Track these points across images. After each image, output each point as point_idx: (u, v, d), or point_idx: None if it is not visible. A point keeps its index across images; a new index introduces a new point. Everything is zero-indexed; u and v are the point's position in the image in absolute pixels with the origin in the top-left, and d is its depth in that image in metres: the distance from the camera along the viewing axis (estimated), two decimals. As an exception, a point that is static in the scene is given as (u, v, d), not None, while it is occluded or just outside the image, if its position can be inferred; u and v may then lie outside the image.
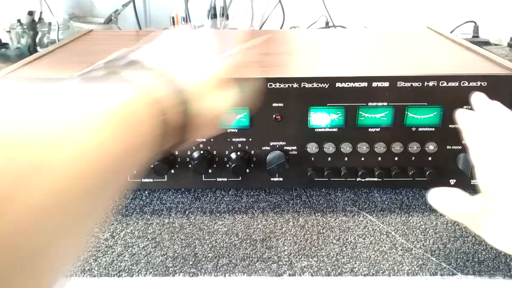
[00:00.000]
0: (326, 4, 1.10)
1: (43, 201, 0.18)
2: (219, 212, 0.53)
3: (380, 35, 0.73)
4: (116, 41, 0.72)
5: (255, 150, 0.53)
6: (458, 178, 0.54)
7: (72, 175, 0.20)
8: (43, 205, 0.18)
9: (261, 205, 0.54)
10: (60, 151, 0.20)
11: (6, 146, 0.18)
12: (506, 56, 0.85)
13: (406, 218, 0.51)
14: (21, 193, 0.17)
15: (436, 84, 0.50)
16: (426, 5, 1.10)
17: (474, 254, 0.45)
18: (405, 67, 0.54)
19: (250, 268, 0.44)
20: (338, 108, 0.51)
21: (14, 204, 0.17)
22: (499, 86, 0.50)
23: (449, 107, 0.51)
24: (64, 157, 0.20)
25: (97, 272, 0.44)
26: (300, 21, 1.13)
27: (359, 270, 0.44)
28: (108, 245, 0.47)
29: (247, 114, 0.51)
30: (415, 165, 0.53)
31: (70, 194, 0.20)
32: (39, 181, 0.18)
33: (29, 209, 0.18)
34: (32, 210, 0.18)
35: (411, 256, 0.45)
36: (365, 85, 0.50)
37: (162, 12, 1.13)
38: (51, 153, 0.19)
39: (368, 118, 0.51)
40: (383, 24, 1.09)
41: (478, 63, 0.55)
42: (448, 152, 0.53)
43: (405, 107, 0.51)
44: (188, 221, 0.51)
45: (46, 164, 0.19)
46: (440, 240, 0.48)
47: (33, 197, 0.18)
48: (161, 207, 0.54)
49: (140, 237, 0.49)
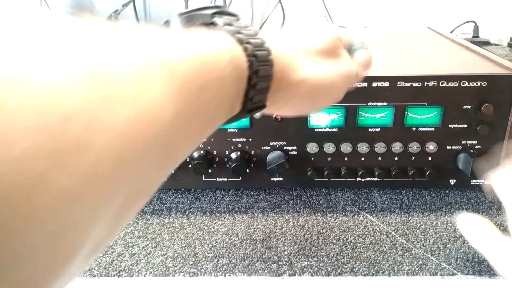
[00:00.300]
0: (326, 4, 1.10)
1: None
2: (219, 212, 0.53)
3: (380, 35, 0.73)
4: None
5: (255, 150, 0.53)
6: (458, 178, 0.55)
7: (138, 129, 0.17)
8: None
9: (261, 205, 0.54)
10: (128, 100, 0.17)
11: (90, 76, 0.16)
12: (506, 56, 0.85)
13: (406, 218, 0.51)
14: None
15: (436, 84, 0.50)
16: (426, 5, 1.10)
17: (474, 254, 0.45)
18: (405, 67, 0.54)
19: (250, 268, 0.44)
20: (338, 108, 0.51)
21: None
22: (499, 86, 0.50)
23: (449, 107, 0.51)
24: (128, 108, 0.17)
25: (97, 272, 0.44)
26: (300, 21, 1.13)
27: (359, 270, 0.44)
28: (108, 245, 0.47)
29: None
30: (415, 165, 0.53)
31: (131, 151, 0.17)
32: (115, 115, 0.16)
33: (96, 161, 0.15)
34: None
35: (411, 256, 0.45)
36: (365, 85, 0.50)
37: (162, 12, 1.13)
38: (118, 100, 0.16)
39: (368, 118, 0.51)
40: (383, 24, 1.09)
41: (478, 63, 0.55)
42: (448, 152, 0.53)
43: (405, 107, 0.51)
44: (188, 221, 0.51)
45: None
46: (440, 240, 0.48)
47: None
48: (161, 207, 0.54)
49: (140, 237, 0.49)
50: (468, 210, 0.53)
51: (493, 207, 0.53)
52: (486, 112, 0.50)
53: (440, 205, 0.54)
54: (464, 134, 0.52)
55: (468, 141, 0.52)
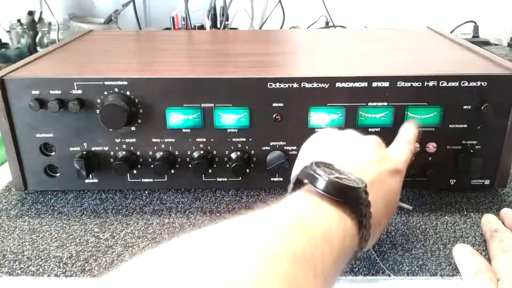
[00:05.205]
0: (326, 4, 1.10)
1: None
2: (219, 212, 0.53)
3: (380, 35, 0.73)
4: (116, 41, 0.72)
5: (255, 150, 0.53)
6: (458, 178, 0.55)
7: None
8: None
9: (261, 205, 0.54)
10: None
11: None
12: (506, 56, 0.85)
13: (406, 218, 0.51)
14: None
15: (436, 84, 0.50)
16: (426, 5, 1.10)
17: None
18: (405, 67, 0.54)
19: (250, 268, 0.44)
20: (338, 108, 0.51)
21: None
22: (499, 86, 0.50)
23: (449, 107, 0.51)
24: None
25: (97, 272, 0.44)
26: (300, 21, 1.13)
27: (359, 270, 0.44)
28: (108, 245, 0.47)
29: (247, 114, 0.51)
30: (415, 165, 0.53)
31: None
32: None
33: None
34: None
35: (411, 256, 0.45)
36: (365, 85, 0.50)
37: (162, 12, 1.13)
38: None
39: (368, 118, 0.51)
40: (383, 24, 1.09)
41: (478, 63, 0.55)
42: (448, 152, 0.53)
43: (405, 107, 0.51)
44: (188, 221, 0.51)
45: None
46: (440, 240, 0.48)
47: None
48: (161, 207, 0.54)
49: (140, 237, 0.49)
50: (468, 210, 0.53)
51: (493, 207, 0.53)
52: (486, 112, 0.50)
53: (440, 205, 0.54)
54: (464, 134, 0.52)
55: (468, 141, 0.52)
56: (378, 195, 0.35)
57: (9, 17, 1.03)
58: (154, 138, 0.52)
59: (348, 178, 0.33)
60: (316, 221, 0.28)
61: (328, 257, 0.27)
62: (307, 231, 0.27)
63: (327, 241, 0.28)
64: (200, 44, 0.72)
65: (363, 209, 0.32)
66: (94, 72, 0.52)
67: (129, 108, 0.49)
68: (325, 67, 0.56)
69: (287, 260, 0.24)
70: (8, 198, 0.56)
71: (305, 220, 0.28)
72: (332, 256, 0.28)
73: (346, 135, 0.42)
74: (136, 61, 0.61)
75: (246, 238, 0.25)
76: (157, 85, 0.50)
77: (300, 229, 0.27)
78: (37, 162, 0.53)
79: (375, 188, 0.34)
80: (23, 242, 0.48)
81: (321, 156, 0.38)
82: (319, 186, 0.31)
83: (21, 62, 0.56)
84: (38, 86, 0.49)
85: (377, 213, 0.34)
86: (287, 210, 0.30)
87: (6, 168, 0.55)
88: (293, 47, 0.70)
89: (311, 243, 0.26)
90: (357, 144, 0.40)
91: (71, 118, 0.51)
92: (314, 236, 0.27)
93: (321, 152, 0.40)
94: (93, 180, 0.54)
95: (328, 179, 0.31)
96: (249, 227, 0.26)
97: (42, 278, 0.43)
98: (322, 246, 0.27)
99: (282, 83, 0.50)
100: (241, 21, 1.14)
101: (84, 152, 0.52)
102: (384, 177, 0.37)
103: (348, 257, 0.31)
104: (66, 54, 0.62)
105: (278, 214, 0.29)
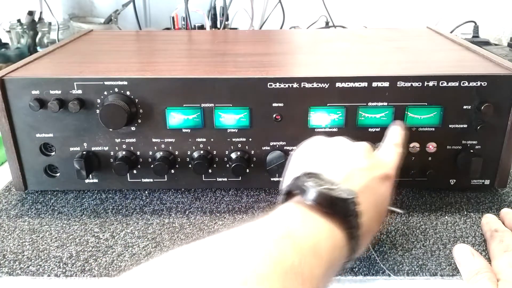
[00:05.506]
0: (326, 4, 1.10)
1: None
2: (219, 212, 0.53)
3: (380, 35, 0.73)
4: (116, 41, 0.72)
5: (255, 150, 0.53)
6: (458, 178, 0.55)
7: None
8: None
9: (261, 205, 0.54)
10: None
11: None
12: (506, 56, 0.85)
13: (406, 218, 0.51)
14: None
15: (436, 84, 0.50)
16: (426, 5, 1.10)
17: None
18: (405, 67, 0.54)
19: (250, 268, 0.44)
20: (338, 108, 0.51)
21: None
22: (499, 86, 0.50)
23: (449, 107, 0.51)
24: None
25: (97, 272, 0.44)
26: (300, 21, 1.13)
27: (359, 270, 0.44)
28: (108, 245, 0.47)
29: (247, 114, 0.51)
30: (415, 165, 0.53)
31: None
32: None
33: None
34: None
35: (411, 256, 0.45)
36: (365, 85, 0.50)
37: (162, 12, 1.13)
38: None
39: (368, 118, 0.51)
40: (383, 24, 1.09)
41: (478, 63, 0.55)
42: (448, 152, 0.53)
43: (405, 107, 0.51)
44: (188, 221, 0.51)
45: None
46: (440, 240, 0.48)
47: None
48: (161, 207, 0.54)
49: (140, 237, 0.49)
50: (468, 210, 0.53)
51: (493, 207, 0.53)
52: (486, 112, 0.50)
53: (440, 205, 0.54)
54: (464, 134, 0.52)
55: (468, 141, 0.52)
56: (369, 204, 0.35)
57: (9, 17, 1.02)
58: (154, 138, 0.52)
59: (338, 189, 0.33)
60: (306, 234, 0.29)
61: (317, 269, 0.27)
62: (296, 244, 0.27)
63: (316, 253, 0.28)
64: (200, 44, 0.72)
65: (353, 220, 0.32)
66: (94, 72, 0.52)
67: (129, 108, 0.49)
68: (325, 67, 0.56)
69: (276, 276, 0.24)
70: (8, 198, 0.56)
71: (295, 233, 0.28)
72: (321, 269, 0.28)
73: (335, 143, 0.42)
74: (136, 61, 0.61)
75: (235, 256, 0.25)
76: (157, 85, 0.50)
77: (289, 243, 0.27)
78: (37, 162, 0.53)
79: (365, 197, 0.34)
80: (23, 242, 0.48)
81: (311, 165, 0.38)
82: (309, 198, 0.31)
83: (21, 62, 0.56)
84: (38, 86, 0.50)
85: (367, 222, 0.34)
86: (277, 223, 0.30)
87: (6, 168, 0.55)
88: (293, 47, 0.70)
89: (300, 256, 0.27)
90: (346, 151, 0.40)
91: (71, 118, 0.51)
92: (303, 250, 0.27)
93: (311, 162, 0.40)
94: (93, 180, 0.54)
95: (318, 191, 0.31)
96: (238, 244, 0.27)
97: (42, 278, 0.43)
98: (311, 259, 0.27)
99: (282, 83, 0.50)
100: (241, 21, 1.14)
101: (84, 152, 0.52)
102: (375, 184, 0.37)
103: (337, 268, 0.32)
104: (66, 54, 0.62)
105: (268, 228, 0.29)
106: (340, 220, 0.31)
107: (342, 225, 0.31)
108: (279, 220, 0.30)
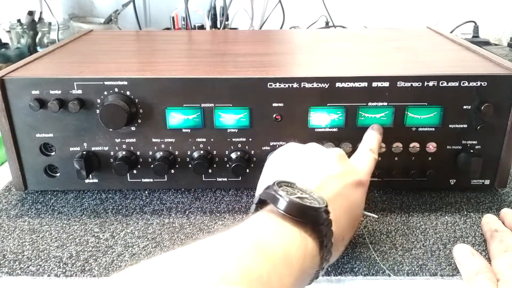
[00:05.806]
0: (326, 4, 1.10)
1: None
2: (219, 212, 0.53)
3: (380, 35, 0.73)
4: (116, 41, 0.72)
5: (255, 150, 0.53)
6: (458, 178, 0.55)
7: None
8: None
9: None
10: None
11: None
12: (506, 56, 0.85)
13: (406, 218, 0.51)
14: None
15: (436, 84, 0.50)
16: (426, 5, 1.10)
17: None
18: (405, 67, 0.54)
19: (250, 268, 0.44)
20: (338, 108, 0.51)
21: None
22: (499, 86, 0.50)
23: (449, 107, 0.51)
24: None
25: (97, 272, 0.44)
26: (300, 21, 1.13)
27: (359, 270, 0.44)
28: (108, 245, 0.47)
29: (247, 114, 0.51)
30: (415, 165, 0.53)
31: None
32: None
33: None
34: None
35: (411, 256, 0.45)
36: (365, 85, 0.50)
37: (162, 12, 1.13)
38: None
39: (368, 118, 0.51)
40: (383, 24, 1.09)
41: (478, 63, 0.55)
42: (448, 152, 0.53)
43: (405, 107, 0.51)
44: (188, 221, 0.51)
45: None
46: (440, 240, 0.48)
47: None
48: (161, 207, 0.54)
49: (140, 237, 0.49)
50: (468, 210, 0.53)
51: (493, 207, 0.53)
52: (486, 112, 0.50)
53: (440, 205, 0.54)
54: (464, 134, 0.52)
55: (468, 141, 0.52)
56: (341, 211, 0.35)
57: (9, 17, 1.03)
58: (154, 138, 0.52)
59: (309, 198, 0.33)
60: (276, 244, 0.29)
61: (287, 279, 0.27)
62: (266, 254, 0.28)
63: (287, 263, 0.28)
64: (200, 44, 0.72)
65: (324, 229, 0.32)
66: (94, 72, 0.52)
67: (129, 108, 0.49)
68: (325, 67, 0.56)
69: (245, 285, 0.25)
70: (8, 198, 0.56)
71: (265, 243, 0.29)
72: (291, 278, 0.28)
73: (308, 150, 0.42)
74: (136, 61, 0.61)
75: (204, 266, 0.25)
76: (157, 85, 0.50)
77: (259, 253, 0.27)
78: (37, 162, 0.53)
79: (337, 204, 0.34)
80: (23, 242, 0.48)
81: (283, 173, 0.38)
82: (280, 207, 0.31)
83: (21, 62, 0.56)
84: (38, 86, 0.50)
85: (340, 229, 0.34)
86: (248, 233, 0.30)
87: (6, 168, 0.55)
88: (293, 47, 0.70)
89: (269, 267, 0.27)
90: (319, 158, 0.40)
91: (71, 118, 0.51)
92: (273, 259, 0.27)
93: (284, 170, 0.40)
94: (93, 180, 0.54)
95: (289, 200, 0.31)
96: (210, 251, 0.27)
97: (42, 278, 0.43)
98: (281, 269, 0.27)
99: (282, 83, 0.50)
100: (241, 21, 1.14)
101: (84, 152, 0.52)
102: (347, 190, 0.37)
103: (309, 277, 0.32)
104: (66, 54, 0.62)
105: (238, 238, 0.29)
106: (312, 229, 0.31)
107: (313, 233, 0.31)
108: (250, 230, 0.30)
